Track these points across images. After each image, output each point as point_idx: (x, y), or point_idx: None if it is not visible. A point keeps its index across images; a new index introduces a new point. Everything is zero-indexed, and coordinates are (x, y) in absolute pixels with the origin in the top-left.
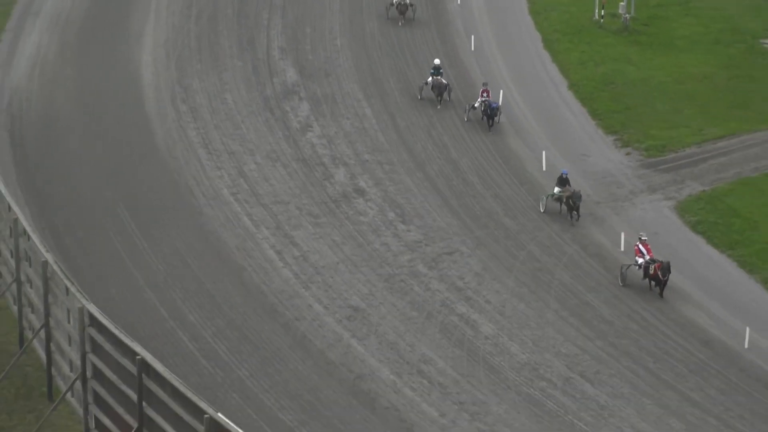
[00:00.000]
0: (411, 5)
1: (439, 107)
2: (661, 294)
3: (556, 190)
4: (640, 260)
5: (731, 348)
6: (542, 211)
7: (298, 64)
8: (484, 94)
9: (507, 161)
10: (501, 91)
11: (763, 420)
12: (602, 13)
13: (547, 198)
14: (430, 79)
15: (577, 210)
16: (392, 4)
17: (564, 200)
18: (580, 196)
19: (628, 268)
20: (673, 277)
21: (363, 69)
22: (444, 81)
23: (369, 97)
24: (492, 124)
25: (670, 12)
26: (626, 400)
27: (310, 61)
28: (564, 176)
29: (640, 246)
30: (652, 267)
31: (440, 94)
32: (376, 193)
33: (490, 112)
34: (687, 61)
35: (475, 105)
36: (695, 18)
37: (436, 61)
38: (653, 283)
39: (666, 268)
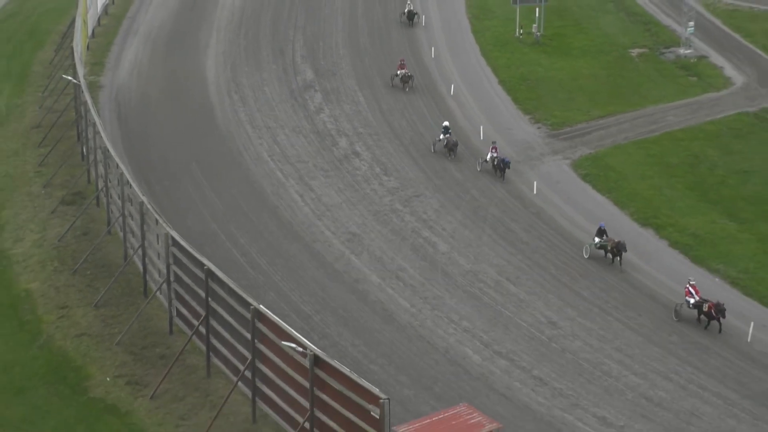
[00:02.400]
0: (411, 77)
1: (452, 158)
2: (720, 330)
3: (596, 240)
4: (691, 300)
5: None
6: (586, 257)
7: (314, 67)
8: (494, 151)
9: (456, 133)
10: (452, 86)
11: (632, 308)
12: (521, 32)
13: (590, 246)
14: (441, 136)
15: (621, 257)
16: (396, 75)
17: (609, 249)
18: (625, 245)
19: (681, 306)
20: (569, 211)
21: (358, 70)
22: (454, 139)
23: (362, 89)
24: (504, 175)
25: (567, 31)
26: (537, 296)
27: (322, 65)
28: (602, 228)
29: (690, 288)
30: (705, 305)
31: (451, 150)
32: (367, 155)
33: (503, 166)
34: (579, 64)
35: (486, 159)
36: (585, 35)
37: (446, 123)
38: (707, 319)
39: (720, 309)
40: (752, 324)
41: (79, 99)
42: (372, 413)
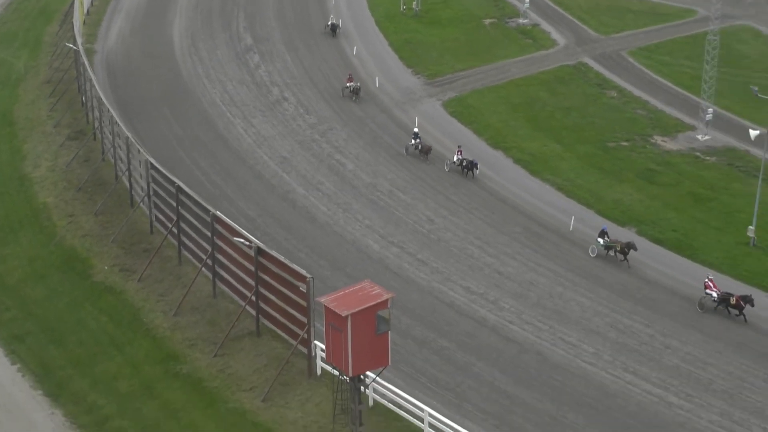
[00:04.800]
0: (359, 88)
1: (427, 162)
2: (745, 319)
3: (601, 241)
4: (714, 293)
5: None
6: (593, 256)
7: (253, 35)
8: (459, 153)
9: (357, 82)
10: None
11: (488, 208)
12: (404, 8)
13: (597, 246)
14: (413, 141)
15: (627, 256)
16: (347, 87)
17: (619, 249)
18: (635, 245)
19: (704, 299)
20: (442, 138)
21: (285, 37)
22: (428, 144)
23: (289, 51)
24: (473, 176)
25: (438, 6)
26: (419, 201)
27: (259, 34)
28: (604, 230)
29: (709, 282)
30: (732, 298)
31: (425, 154)
32: (293, 100)
33: (471, 167)
34: (447, 31)
35: (454, 160)
36: (451, 9)
37: (415, 130)
38: (736, 310)
39: (747, 300)
40: (573, 218)
41: (78, 61)
42: (300, 288)
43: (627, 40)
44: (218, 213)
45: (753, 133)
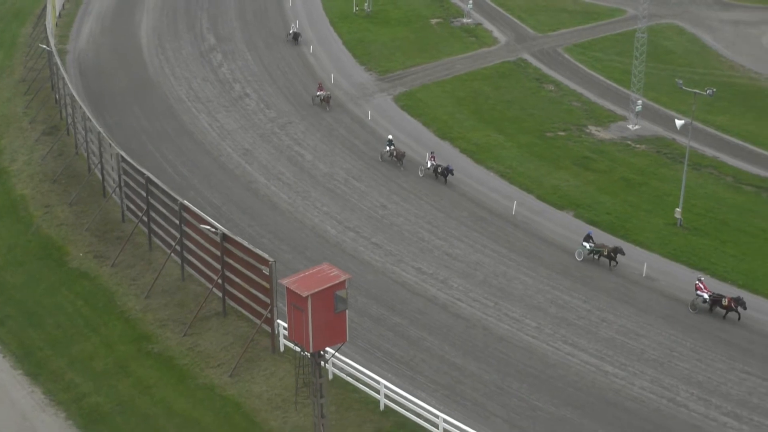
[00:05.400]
0: (330, 96)
1: (401, 168)
2: (738, 317)
3: (586, 245)
4: (705, 295)
5: (416, 158)
6: (579, 260)
7: (215, 36)
8: (433, 159)
9: (315, 79)
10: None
11: (436, 194)
12: (357, 9)
13: (582, 251)
14: (387, 148)
15: (615, 259)
16: (317, 96)
17: (605, 252)
18: (622, 250)
19: (696, 300)
20: (393, 130)
21: (246, 37)
22: (402, 150)
23: (249, 50)
24: (446, 181)
25: (388, 7)
26: (373, 188)
27: (221, 34)
28: (590, 235)
29: (701, 284)
30: (724, 300)
31: (399, 159)
32: (254, 95)
33: (446, 172)
34: (396, 30)
35: (428, 166)
36: (400, 10)
37: (390, 137)
38: (723, 311)
39: (740, 302)
40: (515, 202)
41: (51, 61)
42: (264, 271)
43: (563, 37)
44: (185, 202)
45: (679, 122)
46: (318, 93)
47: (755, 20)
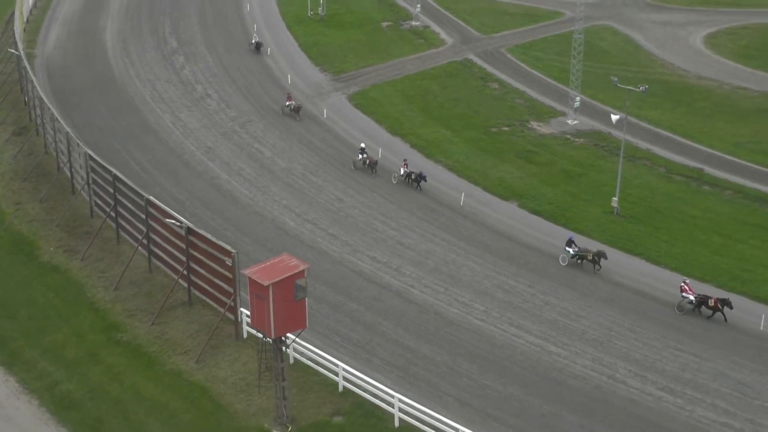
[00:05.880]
0: (300, 107)
1: (374, 175)
2: (725, 319)
3: (570, 250)
4: (691, 296)
5: (349, 150)
6: (564, 265)
7: (177, 39)
8: (405, 166)
9: (273, 80)
10: (267, 45)
11: (388, 187)
12: (312, 13)
13: (566, 256)
14: (360, 156)
15: (599, 263)
16: (287, 106)
17: (589, 257)
18: (605, 254)
19: (682, 302)
20: (347, 128)
21: (207, 40)
22: (374, 158)
23: (210, 53)
24: (420, 187)
25: (341, 11)
26: (329, 182)
27: (183, 38)
28: (571, 239)
29: (686, 286)
30: (710, 301)
31: (372, 167)
32: (215, 96)
33: (419, 179)
34: (349, 33)
35: (401, 173)
36: (352, 14)
37: (362, 145)
38: (710, 311)
39: (726, 303)
40: (463, 194)
41: (20, 65)
42: (227, 262)
43: (505, 38)
44: (151, 198)
45: (614, 117)
46: (287, 103)
47: (683, 21)
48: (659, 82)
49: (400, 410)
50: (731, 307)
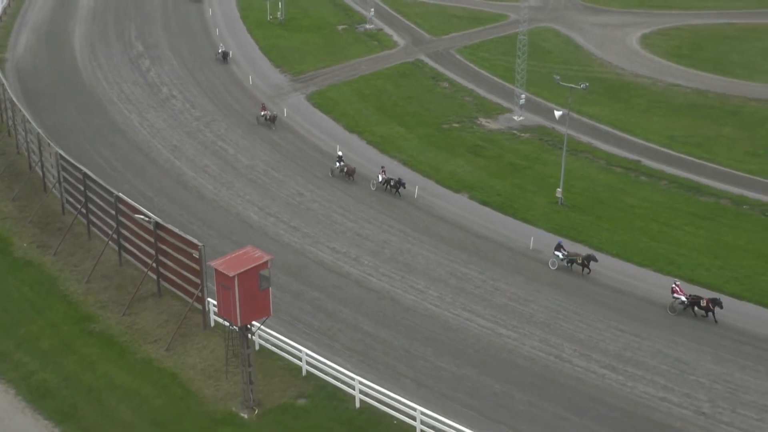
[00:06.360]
0: (275, 116)
1: (350, 181)
2: (714, 319)
3: (560, 254)
4: (683, 297)
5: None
6: (553, 269)
7: (143, 43)
8: (383, 173)
9: (235, 81)
10: (231, 48)
11: (346, 181)
12: (271, 17)
13: (556, 260)
14: (337, 164)
15: (589, 266)
16: (262, 116)
17: (579, 261)
18: (595, 257)
19: (674, 302)
20: (307, 125)
21: (171, 44)
22: (352, 166)
23: (176, 56)
24: (399, 194)
25: (299, 15)
26: (290, 177)
27: (148, 42)
28: (560, 244)
29: (677, 287)
30: (702, 301)
31: (350, 175)
32: (180, 97)
33: (398, 185)
34: (307, 36)
35: (379, 180)
36: (310, 18)
37: (339, 153)
38: (703, 311)
39: (716, 303)
40: (417, 187)
41: None
42: (194, 255)
43: (454, 40)
44: (121, 194)
45: (557, 113)
46: (262, 113)
47: (620, 23)
48: (598, 80)
49: (361, 392)
50: (721, 307)
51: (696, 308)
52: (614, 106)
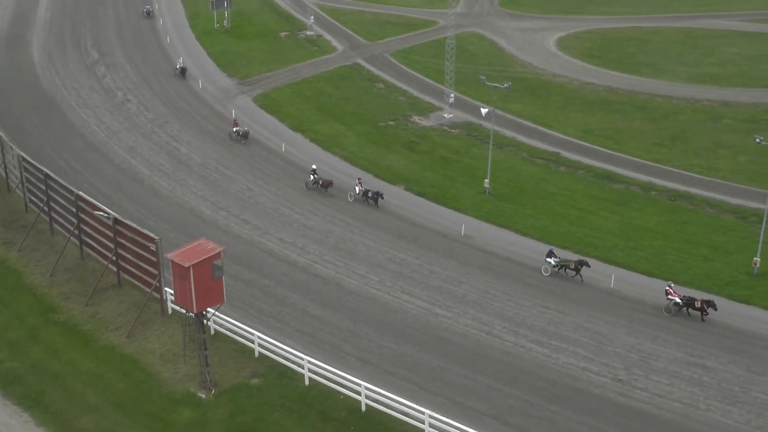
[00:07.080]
0: (247, 132)
1: (325, 193)
2: (703, 319)
3: (552, 261)
4: (677, 298)
5: (568, 274)
6: (546, 275)
7: (98, 51)
8: (360, 185)
9: (186, 86)
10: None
11: (293, 177)
12: (218, 25)
13: (549, 267)
14: (312, 177)
15: (580, 272)
16: (234, 132)
17: (571, 266)
18: (587, 262)
19: (669, 303)
20: (253, 125)
21: (125, 52)
22: (328, 179)
23: (129, 62)
24: (377, 204)
25: (244, 23)
26: (240, 174)
27: (103, 49)
28: (552, 251)
29: (671, 289)
30: (697, 302)
31: (325, 187)
32: (135, 101)
33: (376, 196)
34: (252, 42)
35: (357, 192)
36: (254, 26)
37: (314, 167)
38: (697, 312)
39: (710, 304)
40: (358, 178)
41: None
42: (151, 247)
43: (388, 44)
44: (81, 193)
45: (483, 110)
46: (234, 129)
47: (539, 28)
48: (520, 79)
49: (310, 370)
50: (715, 309)
51: (690, 309)
52: (535, 103)
